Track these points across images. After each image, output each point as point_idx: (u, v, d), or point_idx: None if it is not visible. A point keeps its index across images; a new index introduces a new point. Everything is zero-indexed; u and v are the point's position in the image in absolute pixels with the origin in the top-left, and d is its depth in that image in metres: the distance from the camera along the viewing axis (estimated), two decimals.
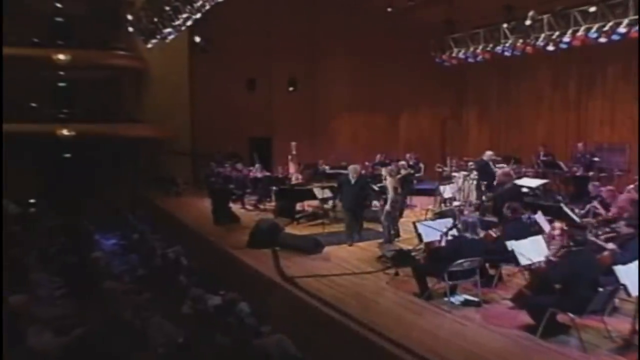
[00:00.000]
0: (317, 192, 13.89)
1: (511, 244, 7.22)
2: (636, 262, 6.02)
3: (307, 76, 20.75)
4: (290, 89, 20.60)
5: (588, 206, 10.81)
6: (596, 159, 15.10)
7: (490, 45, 17.97)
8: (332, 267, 9.84)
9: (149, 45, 17.44)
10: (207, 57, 18.83)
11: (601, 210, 10.46)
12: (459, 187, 13.45)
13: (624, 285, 5.80)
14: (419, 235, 8.90)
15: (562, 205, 10.66)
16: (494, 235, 8.41)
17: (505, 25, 17.19)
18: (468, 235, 7.53)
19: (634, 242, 7.03)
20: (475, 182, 13.83)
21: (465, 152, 20.26)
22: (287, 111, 20.59)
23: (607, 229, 8.17)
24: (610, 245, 6.79)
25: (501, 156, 16.15)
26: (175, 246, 13.45)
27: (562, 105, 19.11)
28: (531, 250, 7.24)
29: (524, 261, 7.13)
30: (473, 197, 13.97)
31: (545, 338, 6.22)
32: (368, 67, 20.96)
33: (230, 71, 19.22)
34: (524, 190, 13.57)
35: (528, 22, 16.14)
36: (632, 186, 11.70)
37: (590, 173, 14.59)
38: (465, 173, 14.68)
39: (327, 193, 13.83)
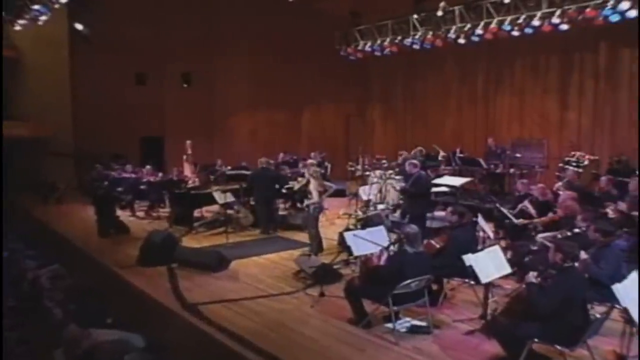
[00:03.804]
0: (218, 196, 12.22)
1: (469, 259, 5.97)
2: (634, 279, 4.93)
3: (203, 71, 18.96)
4: (185, 84, 18.82)
5: (519, 206, 9.90)
6: (518, 155, 14.43)
7: (399, 38, 17.13)
8: (243, 288, 8.21)
9: (18, 28, 15.04)
10: (91, 48, 16.57)
11: (531, 210, 9.60)
12: (379, 189, 12.20)
13: (625, 309, 4.64)
14: (348, 248, 7.51)
15: (497, 205, 9.69)
16: (436, 245, 7.18)
17: (414, 17, 16.39)
18: (410, 249, 6.20)
19: (609, 251, 5.99)
20: (394, 181, 12.72)
21: (370, 149, 19.35)
22: (181, 108, 18.76)
23: (566, 233, 7.13)
24: (583, 255, 5.68)
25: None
26: (52, 265, 11.30)
27: (470, 101, 18.69)
28: (490, 265, 6.04)
29: (484, 279, 5.91)
30: (391, 198, 12.87)
31: None
32: (268, 61, 19.51)
33: (118, 64, 17.09)
34: (445, 189, 12.74)
35: (439, 14, 15.38)
36: (560, 183, 11.01)
37: (511, 170, 13.90)
38: (380, 172, 13.55)
39: (229, 197, 12.21)
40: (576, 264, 5.12)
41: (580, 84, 15.74)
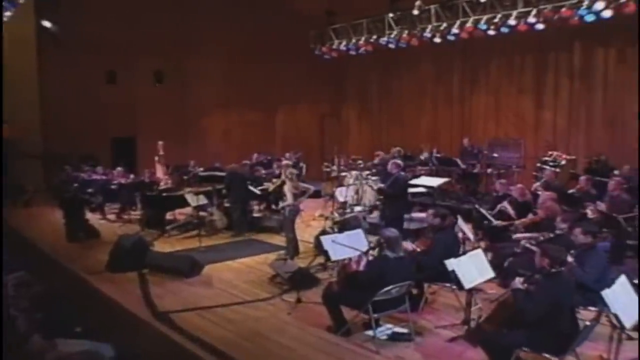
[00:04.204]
0: (190, 198, 11.89)
1: (451, 264, 5.76)
2: (622, 283, 4.77)
3: (176, 70, 18.54)
4: (157, 83, 18.39)
5: (498, 206, 9.77)
6: (495, 155, 14.33)
7: (374, 37, 16.98)
8: (216, 294, 7.92)
9: None
10: (59, 46, 16.04)
11: (510, 211, 9.47)
12: (356, 190, 11.98)
13: (615, 315, 4.47)
14: (325, 253, 7.27)
15: (476, 206, 9.55)
16: (416, 248, 6.97)
17: (390, 16, 16.24)
18: (390, 254, 5.98)
19: (594, 254, 5.84)
20: (371, 181, 12.54)
21: (346, 150, 19.16)
22: (153, 108, 18.31)
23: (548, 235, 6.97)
24: (568, 259, 5.51)
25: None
26: (19, 272, 10.85)
27: (445, 100, 18.59)
28: (473, 269, 5.84)
29: (468, 284, 5.71)
30: (367, 199, 12.67)
31: None
32: (242, 60, 19.12)
33: (88, 62, 16.59)
34: (422, 190, 12.60)
35: (415, 12, 15.26)
36: (538, 183, 10.91)
37: (489, 170, 13.80)
38: (357, 172, 13.34)
39: (202, 199, 11.90)
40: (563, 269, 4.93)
41: (555, 84, 15.73)
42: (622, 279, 4.83)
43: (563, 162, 12.95)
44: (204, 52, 18.63)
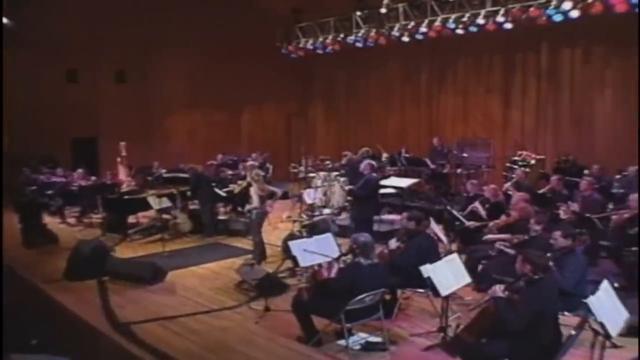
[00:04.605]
0: (153, 201, 11.47)
1: (426, 270, 5.52)
2: (605, 289, 4.58)
3: (139, 68, 18.00)
4: (119, 82, 17.84)
5: (470, 207, 9.61)
6: (465, 155, 14.21)
7: (341, 36, 16.72)
8: (180, 303, 7.55)
9: None
10: (18, 43, 15.37)
11: (482, 212, 9.33)
12: (324, 191, 11.72)
13: (601, 324, 4.26)
14: (294, 259, 6.97)
15: (448, 207, 9.37)
16: (388, 253, 6.72)
17: (357, 14, 16.01)
18: (364, 261, 5.70)
19: (574, 258, 5.66)
20: (338, 182, 12.30)
21: (313, 150, 18.89)
22: (115, 108, 17.73)
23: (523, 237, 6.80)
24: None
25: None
26: None
27: (413, 100, 18.46)
28: (449, 275, 5.61)
29: (444, 291, 5.48)
30: (336, 200, 12.43)
31: None
32: (207, 59, 18.68)
33: (48, 60, 15.97)
34: (391, 191, 12.40)
35: (383, 11, 15.07)
36: (509, 184, 10.79)
37: (458, 170, 13.66)
38: (324, 173, 13.09)
39: (165, 202, 11.49)
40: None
41: (523, 84, 15.72)
42: (605, 285, 4.65)
43: (532, 162, 12.89)
44: (168, 51, 18.16)
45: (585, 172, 11.24)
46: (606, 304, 4.42)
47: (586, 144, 14.30)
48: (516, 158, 13.26)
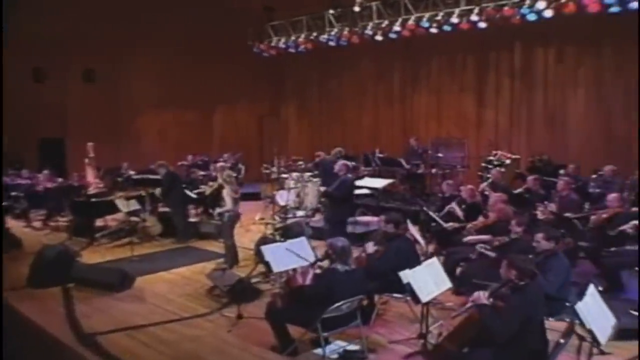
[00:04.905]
0: (121, 203, 11.14)
1: (406, 276, 5.31)
2: (592, 294, 4.41)
3: (107, 67, 17.50)
4: (88, 82, 17.36)
5: (446, 207, 9.47)
6: (440, 154, 14.08)
7: (314, 34, 16.51)
8: (149, 310, 7.22)
9: None
10: None
11: (459, 212, 9.19)
12: (297, 193, 11.47)
13: (590, 331, 4.09)
14: (267, 264, 6.71)
15: (424, 209, 9.20)
16: (365, 257, 6.50)
17: (330, 12, 15.83)
18: (340, 267, 5.47)
19: (557, 261, 5.51)
20: (312, 183, 12.06)
21: (285, 150, 18.61)
22: (83, 107, 17.30)
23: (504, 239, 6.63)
24: None
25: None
26: None
27: (386, 100, 18.35)
28: (429, 281, 5.42)
29: (425, 297, 5.28)
30: (309, 202, 12.18)
31: None
32: (178, 57, 18.29)
33: (13, 58, 15.40)
34: (365, 192, 12.21)
35: (356, 9, 14.91)
36: (485, 184, 10.68)
37: (433, 170, 13.52)
38: (297, 174, 12.84)
39: (134, 204, 11.15)
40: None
41: (496, 83, 15.69)
42: (592, 290, 4.48)
43: (507, 162, 12.80)
44: (138, 50, 17.75)
45: (561, 171, 11.17)
46: (594, 310, 4.26)
47: (559, 143, 14.32)
48: (491, 158, 13.17)
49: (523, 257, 4.75)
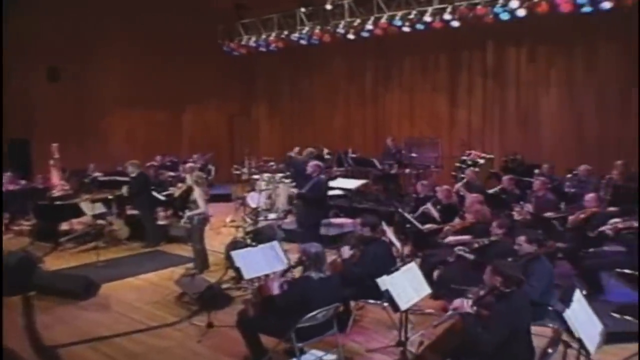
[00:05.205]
0: (85, 206, 10.73)
1: (384, 282, 5.08)
2: (578, 299, 4.24)
3: (73, 66, 16.93)
4: (52, 81, 16.75)
5: (421, 208, 9.30)
6: (413, 154, 13.92)
7: (285, 33, 16.25)
8: (115, 320, 6.88)
9: None
10: None
11: (434, 214, 9.03)
12: (269, 194, 11.20)
13: (579, 340, 3.91)
14: (237, 270, 6.42)
15: (400, 210, 9.01)
16: (341, 262, 6.27)
17: (302, 11, 15.60)
18: (315, 274, 5.20)
19: (540, 265, 5.33)
20: (283, 184, 11.81)
21: (256, 151, 18.33)
22: (49, 107, 16.68)
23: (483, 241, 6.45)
24: None
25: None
26: None
27: (358, 99, 18.17)
28: (407, 287, 5.20)
29: (404, 305, 5.06)
30: (281, 203, 11.93)
31: None
32: (147, 56, 17.83)
33: None
34: (339, 192, 12.00)
35: (328, 7, 14.72)
36: (460, 184, 10.53)
37: (407, 170, 13.35)
38: (269, 175, 12.58)
39: (100, 207, 10.77)
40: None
41: (469, 82, 15.63)
42: (578, 295, 4.31)
43: (481, 162, 12.71)
44: (105, 47, 17.24)
45: (536, 171, 11.09)
46: (581, 317, 4.08)
47: (532, 143, 14.30)
48: (465, 158, 13.07)
49: (509, 262, 4.57)
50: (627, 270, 6.82)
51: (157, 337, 6.33)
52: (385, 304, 5.73)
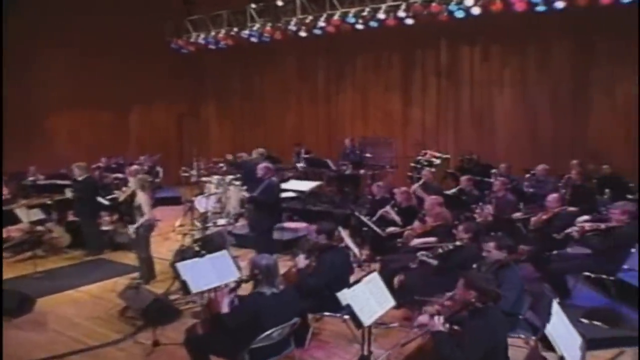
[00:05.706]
0: (22, 213, 10.04)
1: (345, 297, 4.69)
2: (557, 312, 3.95)
3: (14, 66, 16.00)
4: None
5: (380, 211, 8.99)
6: (368, 155, 13.62)
7: (235, 30, 15.79)
8: (51, 339, 6.27)
9: None
10: None
11: (395, 217, 8.74)
12: (219, 198, 10.71)
13: (562, 358, 3.60)
14: (184, 283, 5.92)
15: (356, 213, 8.66)
16: (296, 272, 5.85)
17: (252, 7, 15.20)
18: (267, 290, 4.73)
19: (511, 272, 5.03)
20: (234, 187, 11.33)
21: (206, 152, 17.76)
22: None
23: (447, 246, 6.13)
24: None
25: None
26: None
27: (310, 98, 17.81)
28: (371, 300, 4.83)
29: (367, 320, 4.68)
30: (231, 207, 11.45)
31: None
32: (91, 54, 17.00)
33: None
34: (292, 195, 11.57)
35: (279, 4, 14.37)
36: (417, 185, 10.26)
37: (362, 171, 13.02)
38: (218, 177, 12.07)
39: (37, 213, 10.10)
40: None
41: (422, 81, 15.46)
42: (556, 307, 4.02)
43: (437, 162, 12.49)
44: (48, 45, 16.35)
45: (493, 171, 10.94)
46: (561, 332, 3.80)
47: (487, 142, 14.24)
48: (420, 158, 12.84)
49: (483, 275, 4.26)
50: (594, 274, 6.61)
51: (98, 358, 5.79)
52: (346, 317, 5.37)
